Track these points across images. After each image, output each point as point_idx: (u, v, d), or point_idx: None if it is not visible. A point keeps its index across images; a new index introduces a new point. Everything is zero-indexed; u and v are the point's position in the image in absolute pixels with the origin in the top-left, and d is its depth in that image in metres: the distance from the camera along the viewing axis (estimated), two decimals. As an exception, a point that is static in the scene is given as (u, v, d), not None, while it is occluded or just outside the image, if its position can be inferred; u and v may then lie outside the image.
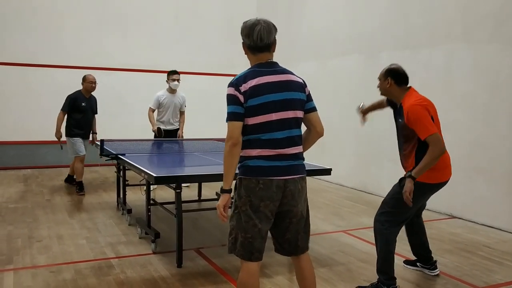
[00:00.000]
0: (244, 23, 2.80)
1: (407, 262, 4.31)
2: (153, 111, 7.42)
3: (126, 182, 5.93)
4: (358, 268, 4.21)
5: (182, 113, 7.65)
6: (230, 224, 2.77)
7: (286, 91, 2.68)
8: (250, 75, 2.66)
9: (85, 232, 5.16)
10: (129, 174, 5.89)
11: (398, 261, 4.41)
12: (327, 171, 4.68)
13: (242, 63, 3.17)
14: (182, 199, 4.12)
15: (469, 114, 6.02)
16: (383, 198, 3.92)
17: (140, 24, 10.39)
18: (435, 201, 6.45)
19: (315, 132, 2.89)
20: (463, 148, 6.06)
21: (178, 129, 7.58)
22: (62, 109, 7.10)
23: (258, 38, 2.68)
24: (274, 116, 2.63)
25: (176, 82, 7.37)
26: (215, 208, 3.04)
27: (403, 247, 4.35)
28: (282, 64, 2.86)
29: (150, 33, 10.48)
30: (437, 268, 4.08)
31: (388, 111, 7.22)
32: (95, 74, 7.58)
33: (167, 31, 10.61)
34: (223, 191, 2.67)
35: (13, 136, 9.42)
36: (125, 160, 5.02)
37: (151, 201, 4.85)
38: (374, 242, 4.98)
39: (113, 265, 4.14)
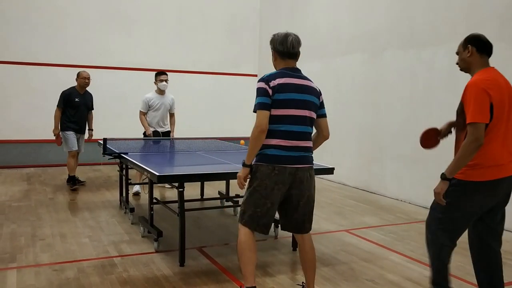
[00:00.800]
0: (275, 35, 3.35)
1: None
2: (144, 114, 7.24)
3: (129, 181, 5.94)
4: (361, 268, 4.21)
5: (172, 115, 7.44)
6: (243, 198, 3.26)
7: (306, 93, 3.20)
8: (279, 75, 3.17)
9: (88, 230, 5.17)
10: (132, 173, 5.90)
11: (400, 260, 4.40)
12: (330, 170, 4.67)
13: (244, 62, 3.25)
14: (185, 198, 4.12)
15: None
16: (386, 198, 3.87)
17: (143, 23, 10.40)
18: (438, 201, 6.47)
19: (322, 136, 3.41)
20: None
21: (169, 131, 7.40)
22: (57, 106, 7.25)
23: (291, 46, 3.29)
24: (294, 112, 3.13)
25: (164, 83, 7.18)
26: (217, 207, 3.10)
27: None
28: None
29: (153, 32, 10.48)
30: None
31: (390, 110, 7.15)
32: (98, 73, 7.61)
33: (170, 30, 10.62)
34: (245, 165, 3.18)
35: (16, 135, 9.45)
36: (127, 159, 5.02)
37: (154, 200, 4.85)
38: (376, 241, 5.00)
39: (115, 264, 4.15)
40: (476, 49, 3.11)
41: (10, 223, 5.39)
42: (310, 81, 3.31)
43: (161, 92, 7.28)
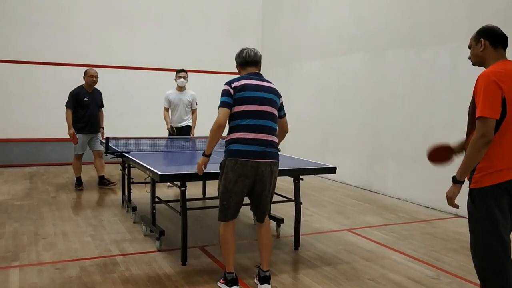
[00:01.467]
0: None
1: None
2: (167, 110, 7.59)
3: (131, 180, 5.95)
4: (363, 267, 4.21)
5: (193, 111, 7.75)
6: (219, 190, 3.60)
7: (264, 92, 3.56)
8: (241, 78, 3.58)
9: (90, 229, 5.18)
10: (134, 172, 5.91)
11: (402, 260, 4.40)
12: (332, 170, 4.67)
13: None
14: (187, 197, 4.13)
15: (474, 113, 5.99)
16: (387, 197, 3.86)
17: (145, 23, 10.41)
18: (440, 200, 6.46)
19: (283, 131, 3.85)
20: (468, 147, 6.03)
21: (188, 125, 7.65)
22: (67, 106, 7.11)
23: (247, 55, 3.67)
24: (255, 107, 3.47)
25: (182, 80, 7.47)
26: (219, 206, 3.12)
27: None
28: (286, 61, 2.96)
29: (155, 32, 10.49)
30: None
31: (392, 109, 7.16)
32: (100, 72, 7.60)
33: (172, 29, 10.63)
34: (204, 154, 3.61)
35: (18, 134, 9.47)
36: (130, 158, 5.03)
37: (156, 199, 4.86)
38: (378, 240, 4.99)
39: (118, 263, 4.16)
40: (489, 42, 2.81)
41: (12, 221, 5.40)
42: (271, 83, 3.67)
43: (180, 88, 7.60)
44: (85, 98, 7.17)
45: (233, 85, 3.49)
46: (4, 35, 9.25)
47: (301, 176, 4.65)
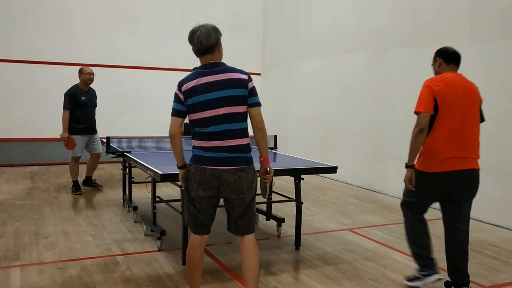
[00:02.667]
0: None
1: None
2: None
3: (132, 180, 5.95)
4: (364, 267, 4.20)
5: None
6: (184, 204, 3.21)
7: (221, 89, 2.96)
8: (192, 76, 3.04)
9: (91, 229, 5.19)
10: (135, 171, 5.91)
11: (403, 259, 4.40)
12: (333, 169, 4.66)
13: (247, 61, 3.23)
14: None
15: (476, 113, 5.98)
16: (389, 196, 3.92)
17: (147, 22, 10.42)
18: (441, 200, 6.45)
19: (254, 128, 3.10)
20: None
21: None
22: (64, 107, 6.85)
23: (198, 42, 3.02)
24: (207, 113, 2.96)
25: None
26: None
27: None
28: (287, 61, 2.91)
29: (157, 31, 10.49)
30: None
31: (393, 109, 7.16)
32: (102, 71, 7.60)
33: (174, 28, 10.61)
34: (177, 167, 3.18)
35: (20, 133, 9.48)
36: (131, 158, 5.03)
37: (157, 199, 4.86)
38: (379, 240, 4.99)
39: (118, 262, 4.16)
40: (443, 60, 3.64)
41: (13, 221, 5.41)
42: (232, 71, 3.05)
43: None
44: (82, 98, 6.94)
45: (182, 89, 2.99)
46: (6, 34, 9.26)
47: (302, 176, 4.65)
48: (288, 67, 10.40)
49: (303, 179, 4.67)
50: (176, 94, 3.02)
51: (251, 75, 3.19)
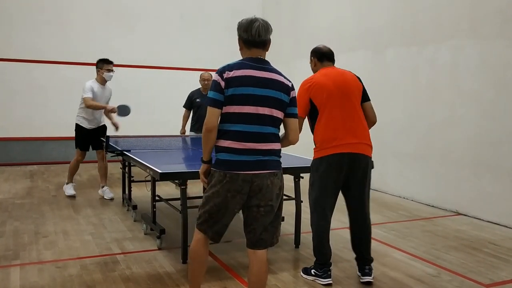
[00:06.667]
0: (241, 20, 2.88)
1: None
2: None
3: (132, 178, 5.95)
4: (363, 265, 4.20)
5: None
6: (202, 200, 2.92)
7: (267, 88, 2.77)
8: (237, 65, 2.79)
9: (91, 228, 5.19)
10: (135, 170, 5.91)
11: (403, 258, 4.40)
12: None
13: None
14: (188, 195, 4.13)
15: (475, 110, 5.99)
16: (388, 195, 3.92)
17: (146, 21, 10.41)
18: (440, 198, 6.47)
19: (287, 139, 2.98)
20: (469, 145, 6.03)
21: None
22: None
23: (256, 33, 2.78)
24: (250, 109, 2.73)
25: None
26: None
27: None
28: (287, 59, 2.89)
29: (156, 30, 10.49)
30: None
31: (392, 107, 7.16)
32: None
33: (173, 27, 10.62)
34: (202, 161, 2.92)
35: (19, 132, 9.47)
36: (130, 156, 5.03)
37: (156, 198, 4.86)
38: (378, 238, 4.99)
39: (118, 261, 4.16)
40: (317, 59, 3.90)
41: (13, 220, 5.41)
42: (279, 74, 2.87)
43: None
44: (198, 100, 6.93)
45: (225, 76, 2.72)
46: (5, 33, 9.26)
47: (301, 174, 4.65)
48: (288, 66, 10.38)
49: (302, 177, 4.67)
50: (215, 82, 2.74)
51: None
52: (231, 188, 2.73)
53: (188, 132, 7.24)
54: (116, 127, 6.82)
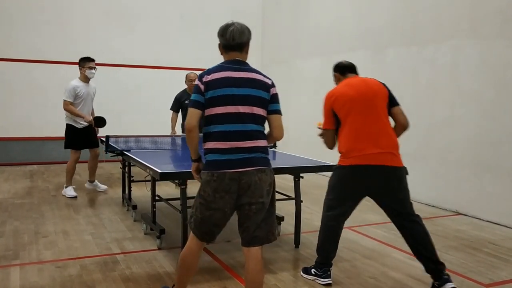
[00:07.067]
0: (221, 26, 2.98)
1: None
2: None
3: (132, 178, 5.95)
4: (363, 265, 4.21)
5: None
6: (194, 203, 2.97)
7: (245, 87, 2.84)
8: (215, 69, 2.89)
9: (91, 228, 5.19)
10: (135, 170, 5.91)
11: (403, 258, 4.40)
12: (332, 168, 4.65)
13: (247, 58, 3.18)
14: (187, 195, 4.13)
15: (475, 110, 5.99)
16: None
17: (146, 21, 10.40)
18: (440, 198, 6.46)
19: (271, 136, 3.01)
20: (469, 145, 6.03)
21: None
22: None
23: (231, 37, 2.88)
24: (230, 109, 2.80)
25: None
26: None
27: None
28: (286, 59, 2.89)
29: (156, 29, 10.48)
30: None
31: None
32: (101, 70, 7.58)
33: (173, 27, 10.62)
34: (192, 160, 3.00)
35: (19, 132, 9.47)
36: (130, 156, 5.03)
37: (156, 197, 4.86)
38: (378, 238, 4.99)
39: (118, 261, 4.16)
40: (340, 74, 4.02)
41: (13, 220, 5.41)
42: (258, 73, 2.94)
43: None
44: (186, 101, 6.89)
45: (204, 79, 2.82)
46: (5, 33, 9.25)
47: (301, 174, 4.65)
48: (288, 65, 10.39)
49: (302, 177, 4.67)
50: (196, 86, 2.84)
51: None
52: (219, 187, 2.77)
53: (179, 133, 7.27)
54: (92, 123, 6.85)
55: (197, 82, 2.86)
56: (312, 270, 3.81)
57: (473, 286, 3.79)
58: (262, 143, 2.89)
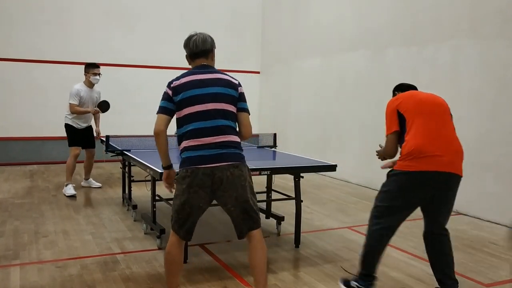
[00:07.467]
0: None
1: None
2: None
3: (132, 178, 5.95)
4: (363, 265, 4.20)
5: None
6: (172, 207, 3.05)
7: (212, 86, 2.98)
8: (183, 75, 3.06)
9: (91, 227, 5.19)
10: (135, 170, 5.91)
11: (403, 257, 4.40)
12: (333, 167, 4.67)
13: (246, 59, 3.21)
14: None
15: (476, 110, 5.99)
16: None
17: (146, 20, 10.40)
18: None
19: (240, 134, 3.11)
20: (469, 144, 6.02)
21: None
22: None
23: (194, 46, 3.12)
24: (199, 108, 2.93)
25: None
26: (215, 205, 3.08)
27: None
28: (286, 59, 2.90)
29: (155, 29, 10.48)
30: None
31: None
32: (101, 70, 7.56)
33: (173, 27, 10.61)
34: (162, 167, 3.16)
35: (19, 132, 9.47)
36: (130, 156, 5.03)
37: (157, 197, 4.86)
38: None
39: (118, 261, 4.16)
40: (401, 91, 3.72)
41: (13, 220, 5.41)
42: (223, 74, 3.09)
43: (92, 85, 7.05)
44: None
45: (172, 85, 3.00)
46: (5, 33, 9.25)
47: (301, 174, 4.65)
48: (288, 65, 10.40)
49: (302, 177, 4.67)
50: (164, 93, 3.03)
51: (249, 74, 3.15)
52: (193, 183, 2.88)
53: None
54: (98, 134, 7.26)
55: (165, 89, 3.03)
56: (353, 283, 3.50)
57: (473, 286, 3.80)
58: (234, 138, 2.99)
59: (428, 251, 3.56)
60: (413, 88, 3.78)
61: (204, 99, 2.94)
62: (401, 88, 3.82)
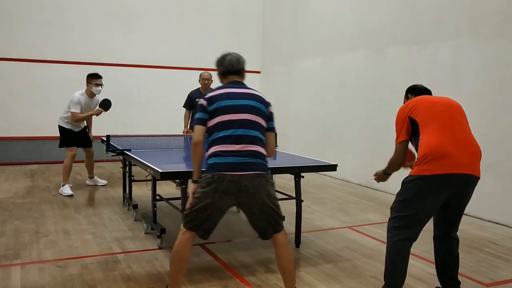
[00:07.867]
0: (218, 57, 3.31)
1: None
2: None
3: (132, 178, 5.95)
4: (364, 264, 4.21)
5: None
6: (190, 200, 3.09)
7: (245, 99, 3.10)
8: (218, 88, 3.19)
9: (92, 227, 5.19)
10: (135, 169, 5.91)
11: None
12: (333, 167, 4.67)
13: (247, 59, 3.23)
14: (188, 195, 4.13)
15: (476, 111, 5.98)
16: (389, 194, 3.85)
17: (146, 20, 10.40)
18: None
19: (267, 150, 3.18)
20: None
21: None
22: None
23: (230, 65, 3.22)
24: (232, 116, 3.02)
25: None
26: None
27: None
28: (287, 59, 2.91)
29: (156, 29, 10.48)
30: None
31: (393, 107, 7.12)
32: (101, 70, 7.59)
33: (173, 26, 10.62)
34: (193, 181, 3.15)
35: (20, 132, 9.47)
36: (131, 156, 5.03)
37: (157, 197, 4.86)
38: (379, 238, 5.00)
39: (119, 260, 4.16)
40: (414, 96, 3.64)
41: (14, 219, 5.41)
42: (257, 91, 3.22)
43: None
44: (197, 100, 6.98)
45: (206, 96, 3.12)
46: (5, 33, 9.25)
47: (302, 174, 4.65)
48: (288, 65, 10.40)
49: (303, 177, 4.68)
50: (200, 105, 3.11)
51: (249, 74, 3.19)
52: (219, 188, 2.94)
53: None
54: (91, 140, 7.42)
55: (201, 101, 3.10)
56: None
57: (474, 286, 3.80)
58: (262, 150, 3.08)
59: (437, 252, 3.51)
60: (427, 92, 3.68)
61: (237, 109, 3.04)
62: (414, 91, 3.71)
